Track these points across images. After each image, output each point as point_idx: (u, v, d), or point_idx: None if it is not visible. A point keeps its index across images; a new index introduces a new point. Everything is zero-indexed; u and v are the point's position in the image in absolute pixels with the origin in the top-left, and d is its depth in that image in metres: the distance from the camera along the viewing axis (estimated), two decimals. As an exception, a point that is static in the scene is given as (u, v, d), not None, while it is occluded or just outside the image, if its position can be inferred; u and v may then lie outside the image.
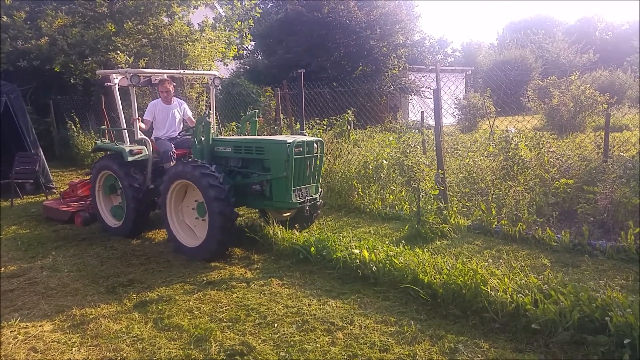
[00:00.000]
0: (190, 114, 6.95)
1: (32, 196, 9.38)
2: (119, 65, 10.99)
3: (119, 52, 11.43)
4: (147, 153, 6.18)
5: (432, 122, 7.68)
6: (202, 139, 5.71)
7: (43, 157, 9.70)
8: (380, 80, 20.84)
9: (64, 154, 14.20)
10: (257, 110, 6.79)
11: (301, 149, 5.22)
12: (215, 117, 7.23)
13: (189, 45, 12.50)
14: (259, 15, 16.04)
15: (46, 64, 12.71)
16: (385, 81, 21.21)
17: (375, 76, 20.83)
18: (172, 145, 6.31)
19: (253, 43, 23.50)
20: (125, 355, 3.38)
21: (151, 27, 12.69)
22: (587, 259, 4.69)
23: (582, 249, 4.92)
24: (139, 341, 3.55)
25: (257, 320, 3.81)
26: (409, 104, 22.25)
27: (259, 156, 5.43)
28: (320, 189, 5.75)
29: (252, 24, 14.93)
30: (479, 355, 3.18)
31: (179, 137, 6.67)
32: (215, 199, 4.97)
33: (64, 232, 6.69)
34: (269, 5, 25.42)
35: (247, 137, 6.21)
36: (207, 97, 11.85)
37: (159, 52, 12.58)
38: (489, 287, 3.69)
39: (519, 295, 3.56)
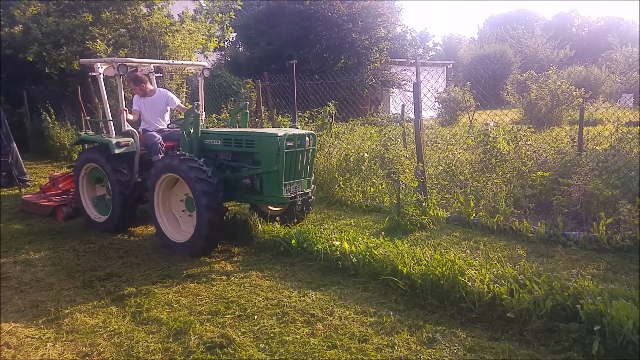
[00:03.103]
0: (178, 102, 6.70)
1: (4, 189, 9.14)
2: (98, 55, 10.74)
3: (98, 41, 11.16)
4: (134, 145, 5.98)
5: (412, 116, 7.74)
6: (191, 131, 5.55)
7: (16, 149, 9.45)
8: (362, 73, 20.87)
9: (39, 145, 13.83)
10: (247, 102, 6.63)
11: (292, 142, 5.08)
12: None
13: (168, 36, 12.28)
14: (240, 7, 15.85)
15: (19, 53, 12.34)
16: (367, 74, 21.24)
17: (357, 69, 20.85)
18: (160, 138, 6.14)
19: (234, 35, 23.21)
20: (101, 350, 3.33)
21: (129, 17, 12.42)
22: (560, 249, 4.81)
23: (556, 239, 5.04)
24: (116, 335, 3.51)
25: (237, 312, 3.81)
26: (391, 97, 22.35)
27: (249, 149, 5.31)
28: (312, 184, 5.63)
29: (234, 16, 14.74)
30: (456, 345, 3.24)
31: (166, 129, 6.49)
32: (203, 193, 4.84)
33: (38, 226, 6.53)
34: (250, -3, 25.13)
35: (237, 129, 6.03)
36: (187, 88, 11.70)
37: (138, 43, 12.32)
38: (466, 278, 3.75)
39: (495, 285, 3.63)
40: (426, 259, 4.15)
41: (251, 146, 5.29)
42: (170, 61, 6.72)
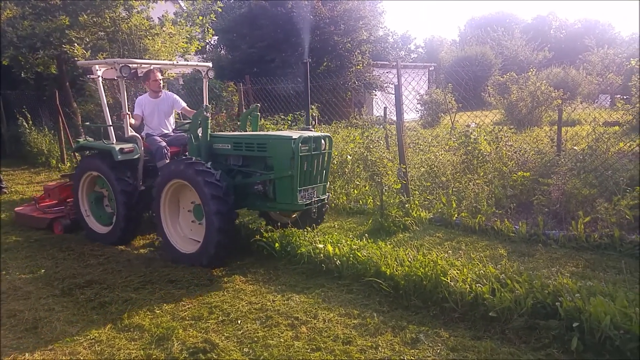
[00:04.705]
0: (184, 104, 6.40)
1: (-19, 196, 8.91)
2: (75, 59, 10.55)
3: (76, 44, 10.96)
4: (137, 151, 5.68)
5: (395, 118, 7.78)
6: (199, 135, 5.28)
7: (-8, 155, 9.24)
8: (345, 75, 20.92)
9: (15, 151, 13.56)
10: (258, 104, 6.42)
11: (308, 145, 4.82)
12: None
13: (148, 39, 12.13)
14: (220, 9, 15.76)
15: (-6, 57, 12.08)
16: (349, 77, 21.31)
17: (339, 72, 20.89)
18: (165, 142, 5.85)
19: (216, 38, 23.08)
20: (82, 358, 3.27)
21: (108, 20, 12.24)
22: (541, 248, 4.89)
23: (537, 238, 5.13)
24: (96, 343, 3.45)
25: (220, 317, 3.78)
26: (373, 99, 22.47)
27: (261, 154, 5.04)
28: (328, 189, 5.41)
29: (215, 19, 14.63)
30: (439, 345, 3.26)
31: (171, 133, 6.22)
32: (212, 197, 4.58)
33: (15, 234, 6.38)
34: (232, 0, 25.03)
35: (248, 133, 5.77)
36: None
37: (117, 47, 12.15)
38: (448, 278, 3.78)
39: (477, 285, 3.67)
40: (409, 260, 4.17)
41: (263, 150, 5.01)
42: (175, 62, 6.47)
